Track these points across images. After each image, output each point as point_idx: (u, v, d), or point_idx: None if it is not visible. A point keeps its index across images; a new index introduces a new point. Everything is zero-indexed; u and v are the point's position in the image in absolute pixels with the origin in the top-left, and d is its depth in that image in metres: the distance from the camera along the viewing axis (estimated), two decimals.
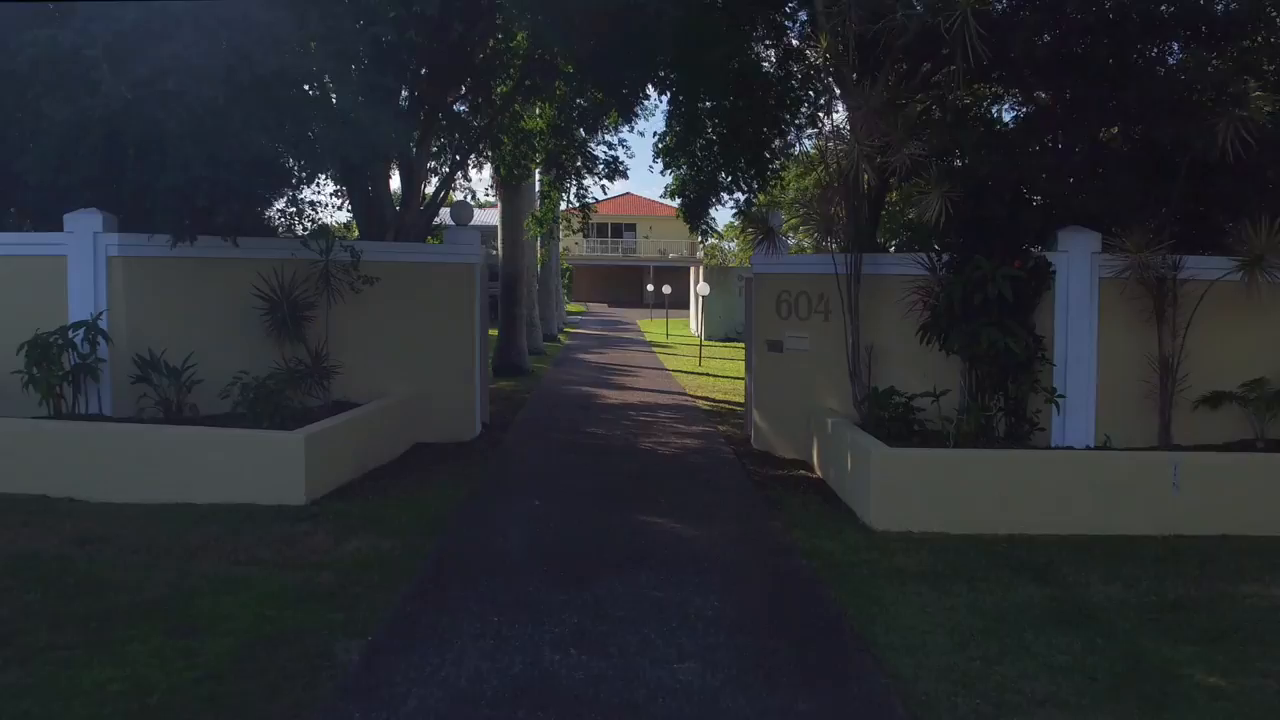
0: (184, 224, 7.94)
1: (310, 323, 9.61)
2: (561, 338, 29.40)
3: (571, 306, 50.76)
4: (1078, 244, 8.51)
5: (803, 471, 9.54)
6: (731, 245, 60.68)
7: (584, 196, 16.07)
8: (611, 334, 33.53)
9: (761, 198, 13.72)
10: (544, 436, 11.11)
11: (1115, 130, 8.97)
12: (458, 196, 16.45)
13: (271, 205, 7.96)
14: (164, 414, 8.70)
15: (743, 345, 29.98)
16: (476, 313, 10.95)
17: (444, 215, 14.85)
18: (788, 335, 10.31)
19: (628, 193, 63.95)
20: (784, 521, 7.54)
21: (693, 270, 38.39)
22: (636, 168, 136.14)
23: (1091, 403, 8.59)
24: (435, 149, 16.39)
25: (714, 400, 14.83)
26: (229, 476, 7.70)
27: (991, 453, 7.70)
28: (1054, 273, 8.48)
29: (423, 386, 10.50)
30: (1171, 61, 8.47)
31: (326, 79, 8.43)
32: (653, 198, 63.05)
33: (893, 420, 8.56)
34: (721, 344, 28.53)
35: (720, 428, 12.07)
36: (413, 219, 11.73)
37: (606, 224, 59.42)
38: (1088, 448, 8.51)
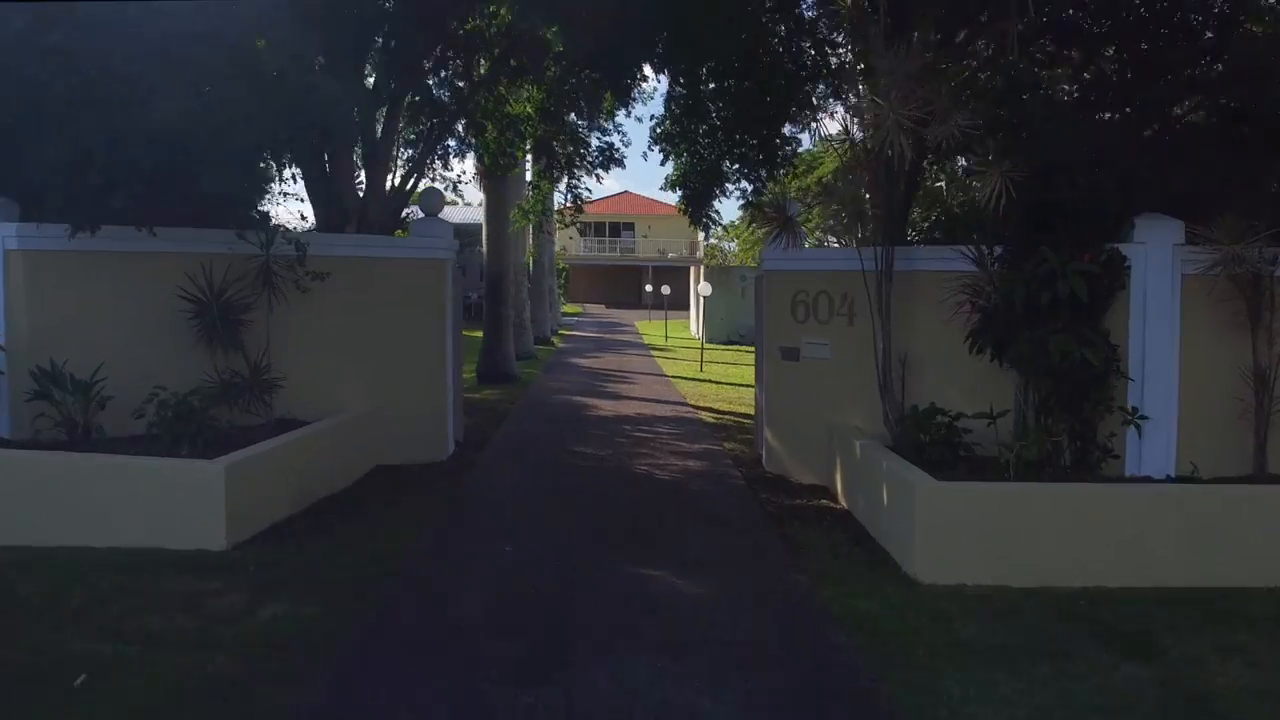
0: (79, 209, 6.55)
1: (248, 328, 8.23)
2: (555, 340, 28.02)
3: (567, 308, 49.38)
4: (1157, 234, 7.13)
5: (825, 501, 8.17)
6: (732, 245, 59.40)
7: (576, 187, 14.71)
8: (608, 336, 32.15)
9: (772, 188, 12.34)
10: (526, 458, 9.73)
11: (1194, 102, 7.59)
12: (438, 188, 15.07)
13: (190, 187, 6.56)
14: (67, 436, 7.32)
15: (747, 348, 28.77)
16: (449, 315, 9.59)
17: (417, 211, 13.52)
18: (805, 341, 8.94)
19: (625, 191, 62.78)
20: (809, 572, 6.16)
21: (693, 270, 37.06)
22: (634, 164, 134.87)
23: (1172, 424, 7.21)
24: (413, 136, 15.09)
25: (718, 412, 13.45)
26: (136, 515, 6.36)
27: (1064, 487, 6.32)
28: (1129, 268, 7.10)
29: (385, 401, 9.14)
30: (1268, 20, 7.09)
31: (259, 39, 7.04)
32: (651, 196, 61.90)
33: (934, 444, 7.20)
34: (723, 347, 27.18)
35: (726, 445, 10.70)
36: (379, 209, 10.36)
37: (604, 223, 58.17)
38: (1168, 477, 7.14)
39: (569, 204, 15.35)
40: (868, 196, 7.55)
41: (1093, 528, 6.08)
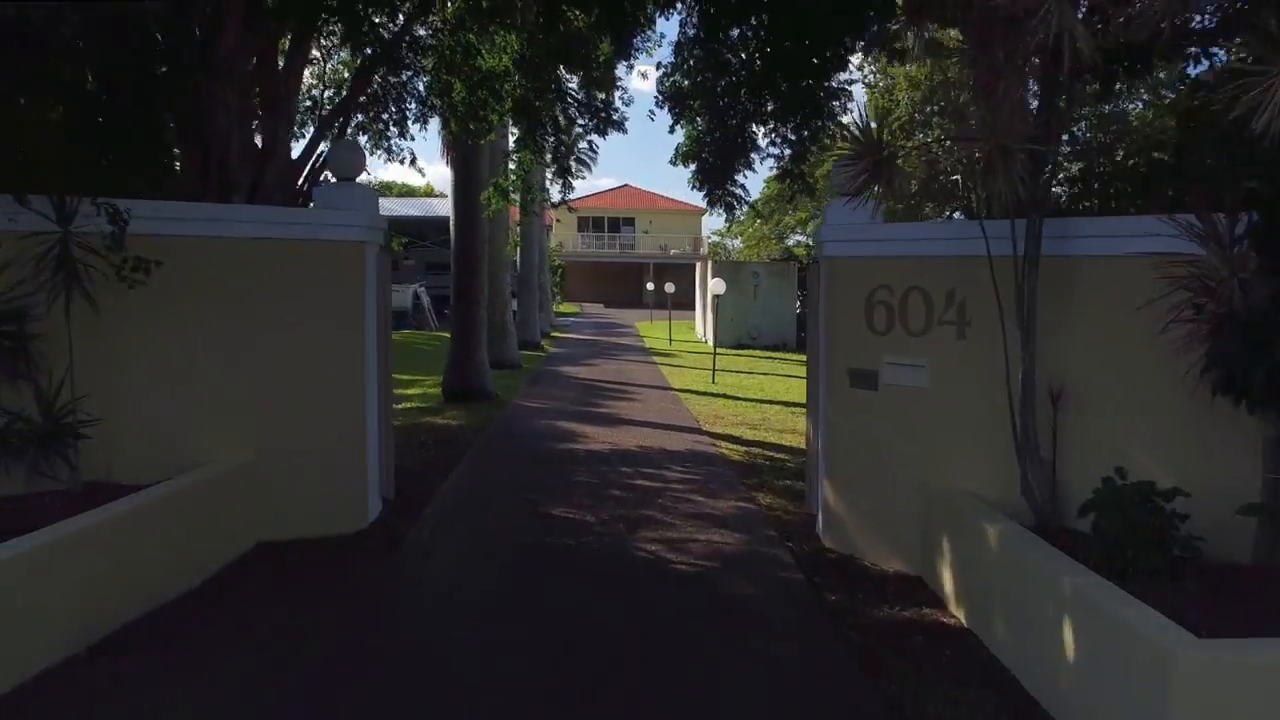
0: None
1: (38, 344, 5.36)
2: (546, 345, 25.08)
3: (564, 307, 46.57)
4: None
5: (928, 611, 5.28)
6: (735, 243, 56.33)
7: (565, 159, 11.84)
8: (606, 339, 29.24)
9: (825, 164, 9.47)
10: (478, 529, 6.80)
11: None
12: (355, 140, 12.20)
13: None
14: None
15: (761, 353, 25.82)
16: (370, 321, 6.71)
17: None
18: (889, 361, 6.06)
19: (625, 184, 60.19)
20: None
21: (698, 266, 34.20)
22: (635, 156, 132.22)
23: None
24: (365, 103, 12.26)
25: (742, 443, 10.54)
26: None
27: None
28: None
29: (271, 448, 6.27)
30: None
31: None
32: (653, 189, 59.12)
33: (1132, 540, 4.33)
34: (735, 352, 24.29)
35: (762, 499, 7.79)
36: (279, 173, 7.49)
37: (603, 217, 55.48)
38: None
39: (557, 182, 12.51)
40: (1008, 125, 4.61)
41: None
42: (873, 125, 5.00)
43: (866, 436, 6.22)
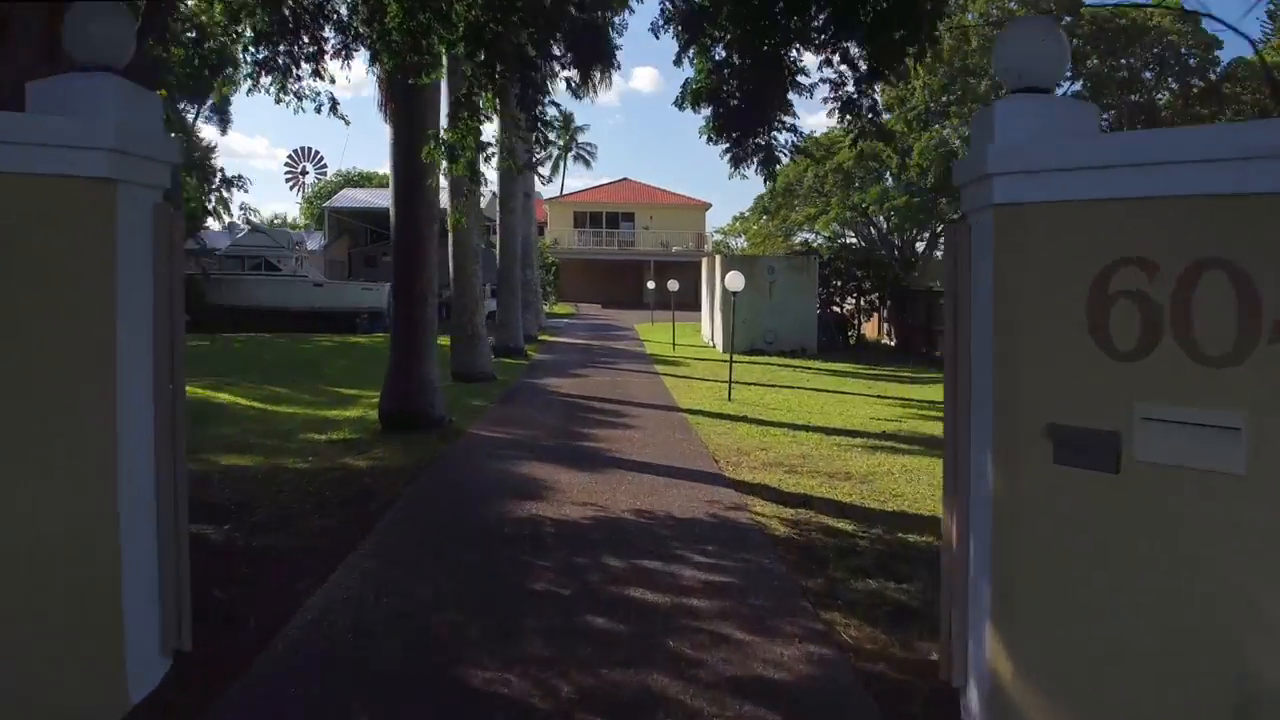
0: None
1: None
2: (531, 350, 21.86)
3: (558, 308, 43.47)
4: None
5: None
6: (740, 241, 53.19)
7: (538, 102, 8.73)
8: (601, 344, 26.11)
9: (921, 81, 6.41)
10: (329, 706, 3.66)
11: None
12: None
13: None
14: None
15: (777, 360, 22.71)
16: (128, 324, 3.61)
17: None
18: (1149, 416, 2.94)
19: (624, 178, 57.16)
20: None
21: (704, 263, 31.12)
22: (633, 146, 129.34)
23: None
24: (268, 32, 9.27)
25: (784, 499, 7.37)
26: None
27: None
28: None
29: None
30: None
31: None
32: (653, 183, 56.19)
33: None
34: (747, 358, 21.19)
35: (842, 629, 4.61)
36: (28, 67, 4.42)
37: (600, 213, 52.62)
38: None
39: (526, 141, 9.40)
40: None
41: None
42: None
43: (1094, 558, 3.12)
